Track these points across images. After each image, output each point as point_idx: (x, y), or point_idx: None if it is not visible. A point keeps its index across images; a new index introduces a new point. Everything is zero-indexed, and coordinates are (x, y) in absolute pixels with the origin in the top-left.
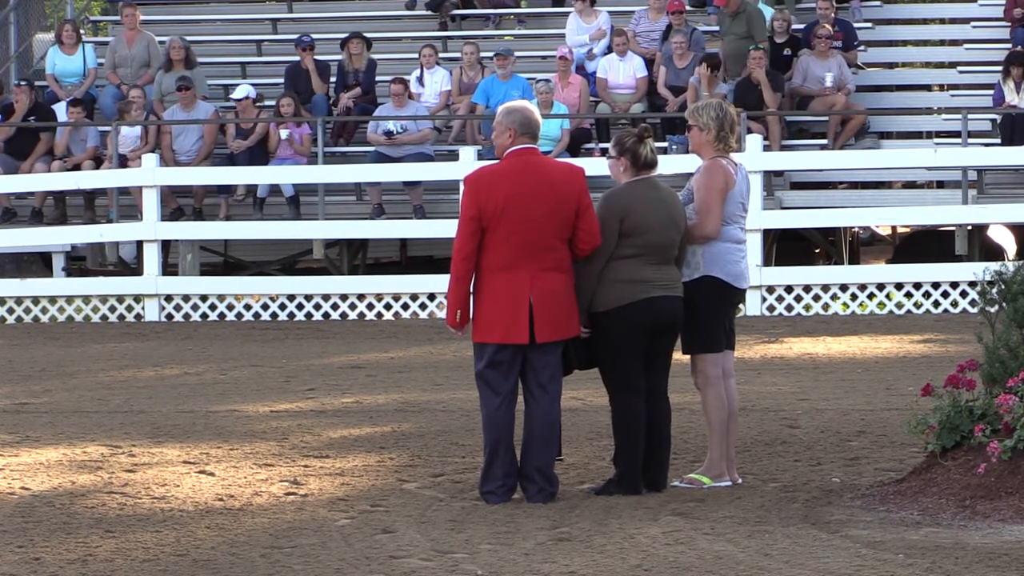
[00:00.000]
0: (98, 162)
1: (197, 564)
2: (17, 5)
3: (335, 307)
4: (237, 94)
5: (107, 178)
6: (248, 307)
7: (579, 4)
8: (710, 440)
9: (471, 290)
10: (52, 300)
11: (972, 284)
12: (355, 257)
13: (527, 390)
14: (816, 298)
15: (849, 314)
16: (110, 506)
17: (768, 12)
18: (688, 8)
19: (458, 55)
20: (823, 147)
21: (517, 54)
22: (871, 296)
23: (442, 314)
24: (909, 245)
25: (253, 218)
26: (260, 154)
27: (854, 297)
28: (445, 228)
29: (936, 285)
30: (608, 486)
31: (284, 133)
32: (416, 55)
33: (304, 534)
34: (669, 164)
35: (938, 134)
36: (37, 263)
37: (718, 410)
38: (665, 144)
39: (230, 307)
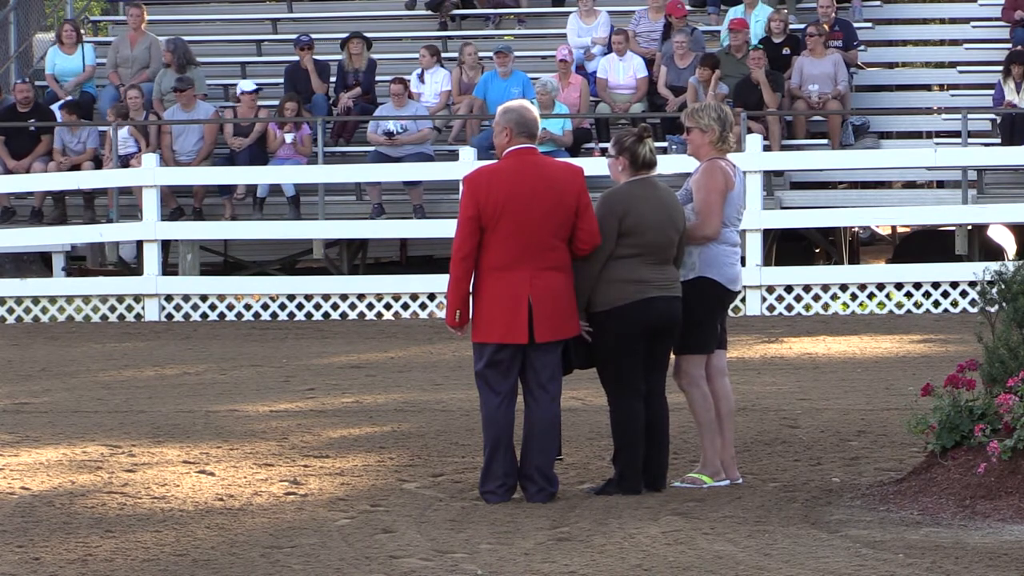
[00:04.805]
0: (98, 162)
1: (197, 564)
2: (17, 5)
3: (335, 307)
4: (247, 87)
5: (107, 178)
6: (248, 307)
7: (581, 5)
8: (702, 439)
9: (470, 290)
10: (52, 300)
11: (972, 284)
12: (355, 257)
13: (527, 390)
14: (816, 298)
15: (849, 314)
16: (110, 506)
17: (766, 12)
18: (688, 8)
19: (458, 55)
20: (799, 147)
21: (517, 54)
22: (871, 296)
23: (442, 314)
24: (909, 245)
25: (253, 218)
26: (260, 154)
27: (854, 297)
28: (445, 228)
29: (936, 285)
30: (608, 486)
31: (289, 137)
32: (416, 55)
33: (304, 534)
34: (669, 164)
35: (938, 134)
36: (37, 263)
37: (705, 409)
38: (665, 144)
39: (230, 307)
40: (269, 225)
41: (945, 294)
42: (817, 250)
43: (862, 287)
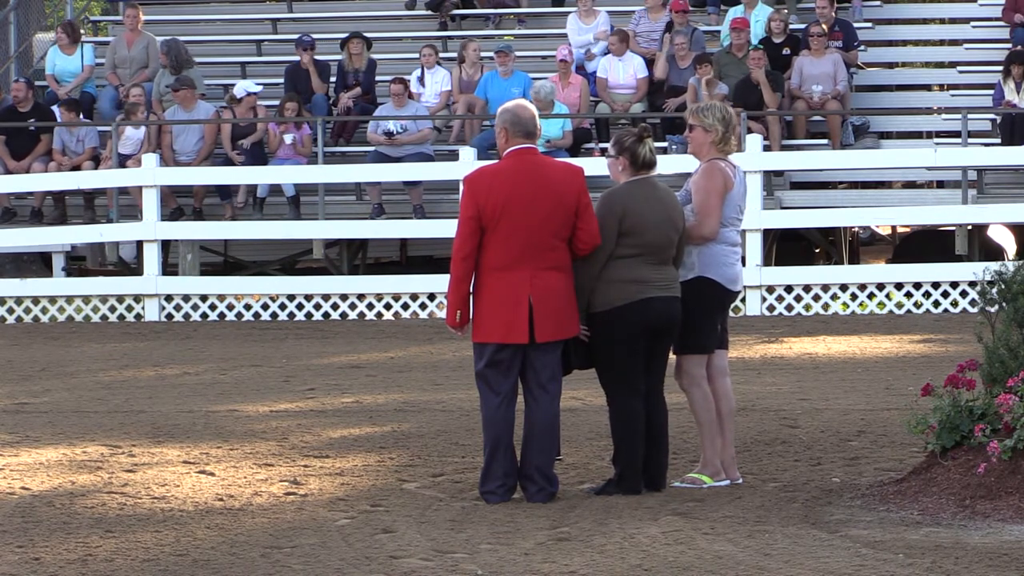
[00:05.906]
0: (97, 162)
1: (197, 564)
2: (17, 5)
3: (335, 307)
4: (251, 88)
5: (107, 178)
6: (248, 307)
7: (581, 5)
8: (702, 439)
9: (471, 290)
10: (52, 300)
11: (972, 284)
12: (355, 257)
13: (527, 390)
14: (816, 298)
15: (849, 314)
16: (110, 506)
17: (766, 12)
18: (689, 8)
19: (458, 55)
20: (799, 147)
21: (517, 54)
22: (871, 296)
23: (442, 314)
24: (909, 245)
25: (253, 218)
26: (260, 154)
27: (854, 297)
28: (445, 228)
29: (936, 285)
30: (608, 486)
31: (288, 138)
32: (416, 55)
33: (304, 534)
34: (669, 164)
35: (938, 134)
36: (37, 263)
37: (706, 409)
38: (665, 144)
39: (230, 307)
40: (269, 225)
41: (945, 294)
42: (817, 250)
43: (862, 287)
